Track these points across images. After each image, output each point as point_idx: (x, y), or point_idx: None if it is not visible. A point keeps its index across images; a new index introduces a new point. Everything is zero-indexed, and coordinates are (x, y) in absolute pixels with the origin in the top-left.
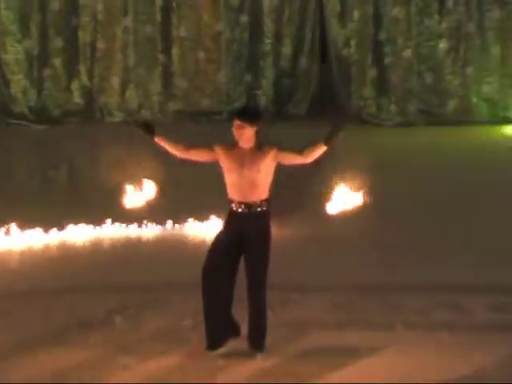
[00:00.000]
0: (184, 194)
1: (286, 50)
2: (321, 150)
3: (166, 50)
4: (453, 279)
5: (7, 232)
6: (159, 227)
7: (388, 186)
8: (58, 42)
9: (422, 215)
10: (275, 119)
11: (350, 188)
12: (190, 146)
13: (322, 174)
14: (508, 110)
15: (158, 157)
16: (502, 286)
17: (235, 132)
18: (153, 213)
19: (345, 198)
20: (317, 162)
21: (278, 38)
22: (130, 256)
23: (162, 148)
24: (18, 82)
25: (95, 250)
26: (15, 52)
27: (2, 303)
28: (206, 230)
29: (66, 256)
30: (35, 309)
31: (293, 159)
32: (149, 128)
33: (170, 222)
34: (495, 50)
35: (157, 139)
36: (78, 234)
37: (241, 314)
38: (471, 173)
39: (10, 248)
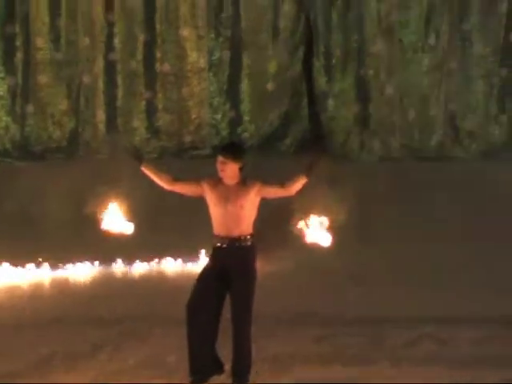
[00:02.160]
0: (167, 228)
1: (271, 87)
2: (302, 181)
3: (150, 85)
4: (436, 312)
5: None
6: (142, 263)
7: (370, 219)
8: (42, 78)
9: (405, 248)
10: (262, 156)
11: (331, 222)
12: (176, 178)
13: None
14: (490, 146)
15: (140, 192)
16: (486, 319)
17: (218, 168)
18: (135, 249)
19: (325, 232)
20: (300, 194)
21: (262, 75)
22: (112, 291)
23: (149, 177)
24: (0, 118)
25: (78, 286)
26: None
27: None
28: (188, 265)
29: (47, 292)
30: (17, 342)
31: (276, 192)
32: (138, 155)
33: (153, 259)
34: (477, 86)
35: (144, 167)
36: (59, 270)
37: (226, 349)
38: (455, 208)
39: None
